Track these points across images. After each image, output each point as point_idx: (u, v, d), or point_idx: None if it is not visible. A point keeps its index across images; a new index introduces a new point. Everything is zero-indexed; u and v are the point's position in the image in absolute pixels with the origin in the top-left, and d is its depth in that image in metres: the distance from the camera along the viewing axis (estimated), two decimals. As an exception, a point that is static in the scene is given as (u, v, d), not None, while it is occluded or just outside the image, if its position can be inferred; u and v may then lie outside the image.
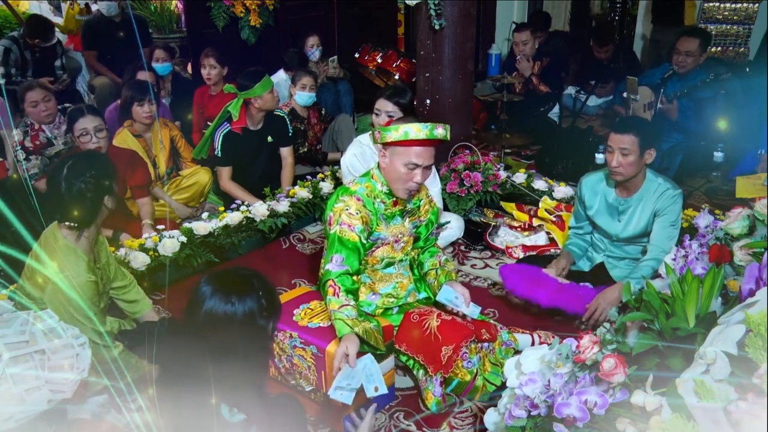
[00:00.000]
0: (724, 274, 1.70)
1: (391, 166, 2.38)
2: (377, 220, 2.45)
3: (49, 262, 2.25)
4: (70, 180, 2.23)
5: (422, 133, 2.29)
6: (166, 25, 6.59)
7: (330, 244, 2.39)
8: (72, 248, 2.27)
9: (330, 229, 2.41)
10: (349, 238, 2.35)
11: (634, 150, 2.73)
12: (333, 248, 2.36)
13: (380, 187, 2.46)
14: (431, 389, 2.33)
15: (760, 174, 3.39)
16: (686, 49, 4.21)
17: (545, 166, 4.53)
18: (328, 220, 2.44)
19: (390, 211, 2.49)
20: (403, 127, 2.29)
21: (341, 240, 2.35)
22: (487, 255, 3.56)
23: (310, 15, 5.95)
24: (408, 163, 2.34)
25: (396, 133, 2.30)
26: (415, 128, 2.28)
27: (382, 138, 2.33)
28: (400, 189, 2.42)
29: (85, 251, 2.31)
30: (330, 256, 2.36)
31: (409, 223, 2.57)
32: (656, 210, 2.84)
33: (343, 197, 2.43)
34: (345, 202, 2.41)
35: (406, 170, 2.36)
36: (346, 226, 2.36)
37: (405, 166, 2.35)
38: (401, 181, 2.39)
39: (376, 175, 2.48)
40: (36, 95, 3.86)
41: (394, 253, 2.55)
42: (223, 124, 3.80)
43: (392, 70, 5.65)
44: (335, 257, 2.35)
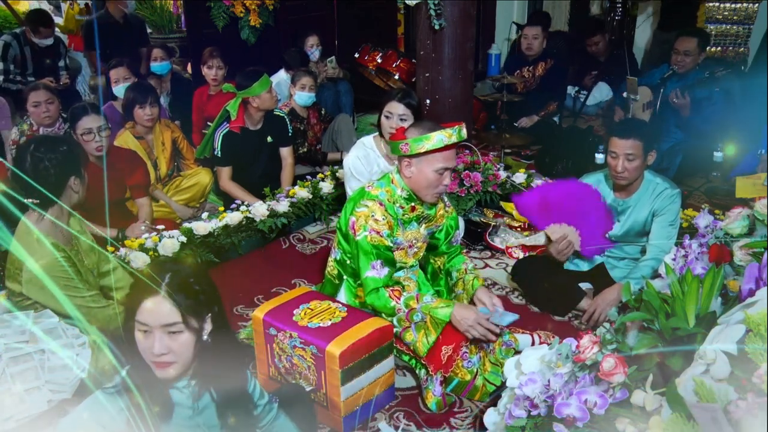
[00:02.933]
0: (724, 274, 1.70)
1: (420, 174, 2.38)
2: (396, 226, 2.45)
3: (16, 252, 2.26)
4: (36, 156, 2.27)
5: (453, 138, 2.31)
6: (166, 25, 6.59)
7: (362, 251, 2.37)
8: (32, 231, 2.28)
9: (356, 235, 2.39)
10: (380, 243, 2.36)
11: (639, 154, 2.72)
12: (367, 255, 2.36)
13: (400, 192, 2.45)
14: (431, 389, 2.33)
15: (760, 174, 3.39)
16: (685, 48, 4.22)
17: (545, 166, 4.53)
18: (350, 225, 2.42)
19: (407, 216, 2.48)
20: (436, 136, 2.29)
21: (374, 246, 2.36)
22: (487, 255, 3.56)
23: (310, 15, 5.94)
24: (438, 168, 2.35)
25: (429, 142, 2.30)
26: (446, 134, 2.30)
27: (413, 150, 2.32)
28: (430, 194, 2.42)
29: (49, 232, 2.31)
30: (368, 263, 2.36)
31: (424, 230, 2.57)
32: (655, 210, 2.83)
33: (366, 202, 2.41)
34: (369, 207, 2.39)
35: (435, 175, 2.37)
36: (375, 233, 2.36)
37: (435, 172, 2.36)
38: (432, 186, 2.40)
39: (396, 180, 2.47)
40: (39, 96, 3.84)
41: (407, 259, 2.54)
42: (223, 124, 3.80)
43: (392, 70, 5.65)
44: (375, 264, 2.35)
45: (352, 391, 2.22)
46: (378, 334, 2.26)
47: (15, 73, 5.08)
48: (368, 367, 2.26)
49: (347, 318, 2.31)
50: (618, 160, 2.74)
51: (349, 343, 2.17)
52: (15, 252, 2.29)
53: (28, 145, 2.34)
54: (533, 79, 5.22)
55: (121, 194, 3.51)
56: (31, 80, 5.11)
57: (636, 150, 2.71)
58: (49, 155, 2.28)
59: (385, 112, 3.20)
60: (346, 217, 2.47)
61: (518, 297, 3.14)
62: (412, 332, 2.35)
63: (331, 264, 2.65)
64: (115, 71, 4.33)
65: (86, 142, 3.15)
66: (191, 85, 5.17)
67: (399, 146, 2.37)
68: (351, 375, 2.20)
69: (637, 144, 2.71)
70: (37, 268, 2.22)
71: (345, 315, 2.33)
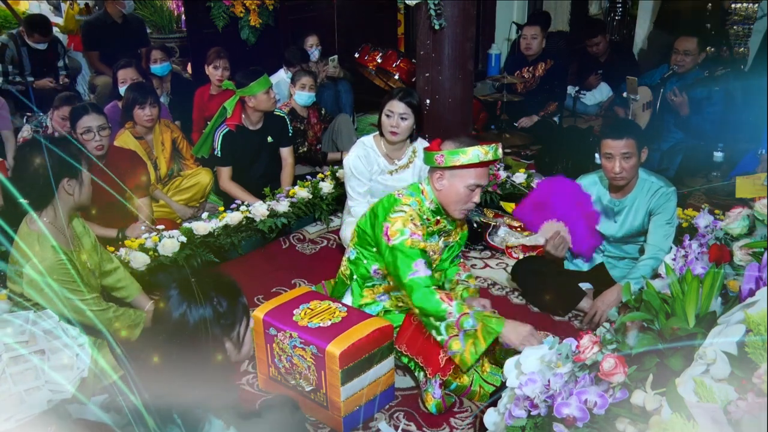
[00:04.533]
0: (724, 274, 1.70)
1: (452, 188, 2.38)
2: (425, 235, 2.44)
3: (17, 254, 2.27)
4: (27, 158, 2.27)
5: (489, 155, 2.32)
6: (166, 25, 6.59)
7: (402, 255, 2.31)
8: (32, 234, 2.28)
9: (391, 240, 2.34)
10: (420, 246, 2.34)
11: (634, 152, 2.73)
12: (409, 257, 2.31)
13: (428, 204, 2.45)
14: (431, 391, 2.33)
15: (760, 174, 3.38)
16: (685, 48, 4.22)
17: (545, 166, 4.53)
18: (384, 231, 2.37)
19: (431, 229, 2.48)
20: (472, 151, 2.30)
21: (414, 248, 2.32)
22: (487, 255, 3.56)
23: (310, 15, 5.94)
24: (470, 184, 2.36)
25: (465, 156, 2.31)
26: (483, 151, 2.31)
27: (447, 162, 2.33)
28: (458, 210, 2.43)
29: (50, 235, 2.31)
30: (411, 264, 2.29)
31: (442, 243, 2.58)
32: (651, 209, 2.84)
33: (403, 207, 2.39)
34: (407, 212, 2.37)
35: (466, 191, 2.38)
36: (416, 236, 2.34)
37: (467, 188, 2.37)
38: (461, 202, 2.40)
39: (426, 192, 2.46)
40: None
41: None
42: (222, 124, 3.80)
43: (392, 70, 5.64)
44: (418, 264, 2.29)
45: (352, 391, 2.22)
46: (378, 334, 2.27)
47: (14, 74, 5.08)
48: (368, 367, 2.26)
49: (347, 318, 2.31)
50: (614, 161, 2.74)
51: (349, 343, 2.17)
52: (16, 253, 2.29)
53: (24, 147, 2.37)
54: (533, 79, 5.22)
55: (121, 194, 3.51)
56: (30, 80, 5.12)
57: (631, 148, 2.72)
58: (38, 157, 2.27)
59: (385, 110, 3.20)
60: (378, 223, 2.42)
61: (518, 297, 3.14)
62: (460, 341, 2.24)
63: (345, 264, 2.65)
64: (123, 71, 4.33)
65: (86, 141, 3.15)
66: (191, 85, 5.17)
67: (434, 157, 2.36)
68: (351, 375, 2.20)
69: (631, 142, 2.71)
70: (37, 270, 2.22)
71: (345, 315, 2.33)
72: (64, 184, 2.33)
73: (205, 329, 1.52)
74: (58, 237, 2.34)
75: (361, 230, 2.54)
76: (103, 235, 3.16)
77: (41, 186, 2.28)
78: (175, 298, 1.52)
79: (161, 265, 3.16)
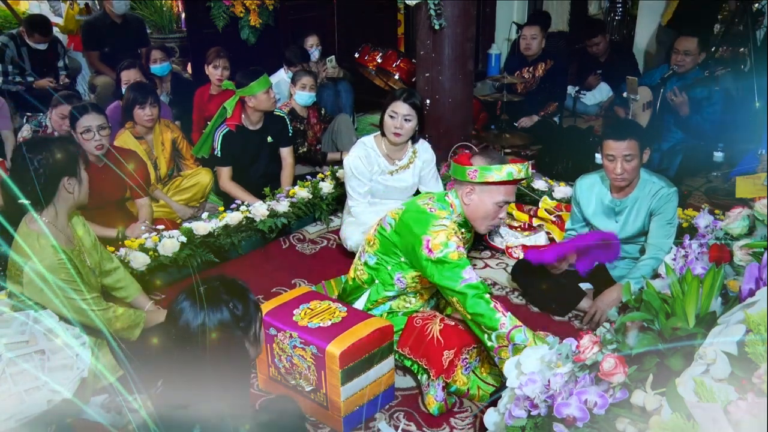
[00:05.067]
0: (724, 274, 1.70)
1: (481, 203, 2.39)
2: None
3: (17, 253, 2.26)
4: (28, 157, 2.27)
5: (522, 173, 2.34)
6: (166, 25, 6.59)
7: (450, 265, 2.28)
8: (32, 233, 2.27)
9: (435, 253, 2.29)
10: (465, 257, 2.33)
11: (636, 154, 2.72)
12: (458, 266, 2.28)
13: (456, 217, 2.45)
14: (433, 394, 2.33)
15: (760, 174, 3.39)
16: (685, 48, 4.22)
17: (545, 166, 4.53)
18: (425, 245, 2.32)
19: None
20: (506, 169, 2.32)
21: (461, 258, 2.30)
22: (487, 255, 3.56)
23: (310, 15, 5.94)
24: (500, 201, 2.38)
25: (499, 174, 2.32)
26: (516, 169, 2.33)
27: (480, 178, 2.33)
28: (484, 225, 2.44)
29: (50, 234, 2.30)
30: (461, 272, 2.26)
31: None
32: (652, 209, 2.83)
33: (443, 222, 2.36)
34: (449, 226, 2.36)
35: (495, 207, 2.39)
36: (461, 249, 2.33)
37: (495, 204, 2.38)
38: (489, 218, 2.41)
39: (455, 205, 2.45)
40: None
41: None
42: (222, 124, 3.80)
43: (392, 70, 5.64)
44: (467, 271, 2.28)
45: (352, 391, 2.22)
46: (378, 334, 2.27)
47: (14, 74, 5.08)
48: (368, 367, 2.26)
49: (347, 318, 2.31)
50: (616, 162, 2.74)
51: (349, 343, 2.17)
52: (15, 253, 2.29)
53: (21, 146, 2.35)
54: (533, 79, 5.22)
55: (121, 194, 3.51)
56: (30, 80, 5.12)
57: (633, 150, 2.71)
58: (39, 156, 2.27)
59: (389, 111, 3.20)
60: (415, 236, 2.36)
61: (518, 297, 3.14)
62: (509, 351, 2.21)
63: (362, 269, 2.58)
64: (126, 72, 4.33)
65: (86, 140, 3.15)
66: (191, 85, 5.17)
67: (467, 172, 2.36)
68: (351, 375, 2.20)
69: (633, 144, 2.71)
70: (37, 269, 2.21)
71: (345, 315, 2.33)
72: (64, 182, 2.34)
73: (228, 333, 1.52)
74: (58, 236, 2.34)
75: (384, 238, 2.49)
76: (103, 235, 3.16)
77: (42, 184, 2.28)
78: (188, 311, 1.51)
79: (161, 265, 3.16)
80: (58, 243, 2.31)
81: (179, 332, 1.51)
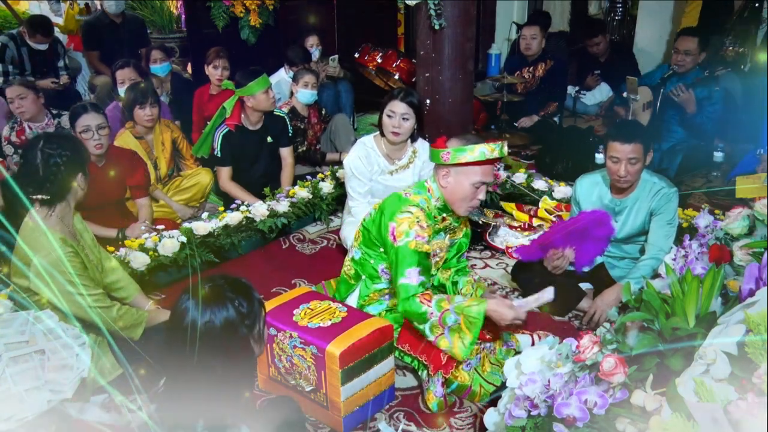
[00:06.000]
0: (724, 274, 1.70)
1: (458, 185, 2.38)
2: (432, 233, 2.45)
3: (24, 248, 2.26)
4: (46, 152, 2.27)
5: (495, 152, 2.32)
6: (166, 25, 6.59)
7: (401, 257, 2.32)
8: (39, 228, 2.27)
9: (396, 241, 2.34)
10: (425, 250, 2.35)
11: (640, 158, 2.72)
12: (406, 262, 2.31)
13: (435, 201, 2.45)
14: (433, 389, 2.33)
15: (760, 174, 3.39)
16: (685, 48, 4.22)
17: (545, 166, 4.53)
18: (390, 231, 2.36)
19: (437, 226, 2.48)
20: (478, 148, 2.30)
21: (417, 252, 2.32)
22: (487, 255, 3.56)
23: (310, 15, 5.95)
24: (476, 182, 2.36)
25: (471, 153, 2.31)
26: (489, 148, 2.31)
27: (453, 159, 2.33)
28: (463, 207, 2.42)
29: (56, 228, 2.31)
30: (404, 271, 2.31)
31: (448, 240, 2.58)
32: (652, 209, 2.83)
33: (410, 208, 2.38)
34: (414, 213, 2.36)
35: (472, 189, 2.37)
36: (420, 238, 2.33)
37: (472, 185, 2.37)
38: (467, 199, 2.40)
39: (432, 189, 2.46)
40: (11, 92, 3.90)
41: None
42: (222, 124, 3.80)
43: (392, 70, 5.64)
44: (410, 272, 2.31)
45: (352, 391, 2.22)
46: (378, 334, 2.27)
47: (14, 74, 5.08)
48: (368, 367, 2.26)
49: (347, 318, 2.31)
50: (620, 164, 2.73)
51: (349, 343, 2.17)
52: (22, 247, 2.27)
53: (37, 140, 2.33)
54: (533, 79, 5.22)
55: (121, 194, 3.51)
56: (31, 80, 5.12)
57: (638, 153, 2.71)
58: (59, 151, 2.28)
59: (387, 111, 3.20)
60: (384, 223, 2.41)
61: (518, 297, 3.14)
62: (446, 338, 2.27)
63: (348, 264, 2.64)
64: (121, 72, 4.34)
65: (85, 140, 3.16)
66: (191, 85, 5.17)
67: (440, 154, 2.36)
68: (351, 375, 2.20)
69: (638, 147, 2.70)
70: (45, 262, 2.21)
71: (345, 315, 2.33)
72: (78, 179, 2.34)
73: (234, 331, 1.52)
74: (65, 231, 2.34)
75: (366, 230, 2.53)
76: (103, 235, 3.16)
77: (61, 181, 2.29)
78: (193, 309, 1.51)
79: (161, 265, 3.16)
80: (66, 237, 2.31)
81: (185, 331, 1.51)
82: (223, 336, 1.51)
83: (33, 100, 3.93)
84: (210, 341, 1.50)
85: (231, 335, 1.52)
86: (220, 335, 1.50)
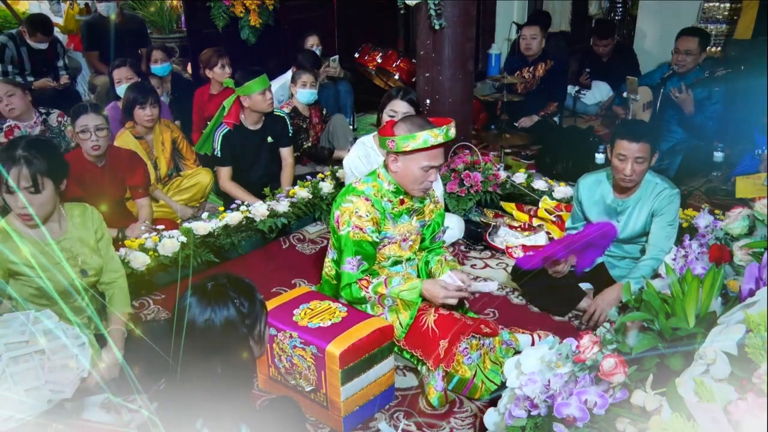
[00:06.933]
0: (724, 274, 1.70)
1: (406, 170, 2.40)
2: (385, 219, 2.47)
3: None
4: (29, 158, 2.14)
5: (440, 138, 2.32)
6: (166, 25, 6.59)
7: (343, 246, 2.42)
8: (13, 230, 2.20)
9: (339, 230, 2.43)
10: (362, 239, 2.40)
11: (647, 157, 2.72)
12: (347, 251, 2.41)
13: (387, 186, 2.47)
14: (433, 384, 2.33)
15: (760, 174, 3.39)
16: (686, 48, 4.23)
17: (545, 166, 4.53)
18: (335, 219, 2.46)
19: (397, 209, 2.50)
20: (422, 135, 2.30)
21: (355, 242, 2.39)
22: (487, 255, 3.56)
23: (310, 15, 5.95)
24: (423, 166, 2.37)
25: (414, 141, 2.31)
26: (433, 135, 2.31)
27: (398, 147, 2.33)
28: (416, 189, 2.44)
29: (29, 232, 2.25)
30: (345, 259, 2.41)
31: (416, 222, 2.59)
32: (654, 210, 2.83)
33: (351, 198, 2.43)
34: (354, 203, 2.41)
35: (421, 172, 2.38)
36: (357, 229, 2.39)
37: (420, 169, 2.38)
38: (417, 182, 2.41)
39: (382, 175, 2.49)
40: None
41: (402, 252, 2.57)
42: (222, 124, 3.80)
43: (392, 70, 5.65)
44: (350, 260, 2.41)
45: (352, 391, 2.22)
46: (378, 334, 2.26)
47: (14, 74, 5.08)
48: (368, 367, 2.26)
49: (347, 318, 2.31)
50: (627, 163, 2.72)
51: (349, 343, 2.17)
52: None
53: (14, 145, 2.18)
54: (533, 79, 5.22)
55: (121, 194, 3.51)
56: (30, 80, 5.12)
57: (645, 153, 2.70)
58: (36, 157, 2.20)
59: (388, 110, 3.20)
60: (332, 211, 2.50)
61: (518, 297, 3.14)
62: (386, 317, 2.41)
63: (328, 264, 2.66)
64: (118, 71, 4.34)
65: (83, 140, 3.15)
66: (191, 85, 5.17)
67: (386, 142, 2.38)
68: (351, 375, 2.20)
69: (646, 147, 2.70)
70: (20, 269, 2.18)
71: (345, 315, 2.33)
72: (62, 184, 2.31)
73: (234, 330, 1.52)
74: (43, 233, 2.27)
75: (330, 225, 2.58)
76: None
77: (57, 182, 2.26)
78: (195, 306, 1.51)
79: (161, 265, 3.15)
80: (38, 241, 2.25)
81: (186, 327, 1.51)
82: (222, 335, 1.51)
83: (21, 97, 3.96)
84: (209, 339, 1.50)
85: (230, 334, 1.52)
86: (220, 334, 1.50)
